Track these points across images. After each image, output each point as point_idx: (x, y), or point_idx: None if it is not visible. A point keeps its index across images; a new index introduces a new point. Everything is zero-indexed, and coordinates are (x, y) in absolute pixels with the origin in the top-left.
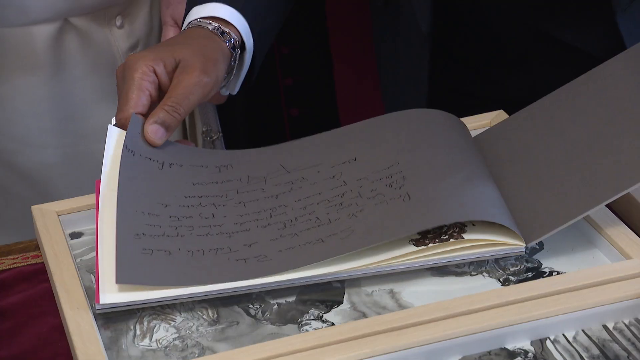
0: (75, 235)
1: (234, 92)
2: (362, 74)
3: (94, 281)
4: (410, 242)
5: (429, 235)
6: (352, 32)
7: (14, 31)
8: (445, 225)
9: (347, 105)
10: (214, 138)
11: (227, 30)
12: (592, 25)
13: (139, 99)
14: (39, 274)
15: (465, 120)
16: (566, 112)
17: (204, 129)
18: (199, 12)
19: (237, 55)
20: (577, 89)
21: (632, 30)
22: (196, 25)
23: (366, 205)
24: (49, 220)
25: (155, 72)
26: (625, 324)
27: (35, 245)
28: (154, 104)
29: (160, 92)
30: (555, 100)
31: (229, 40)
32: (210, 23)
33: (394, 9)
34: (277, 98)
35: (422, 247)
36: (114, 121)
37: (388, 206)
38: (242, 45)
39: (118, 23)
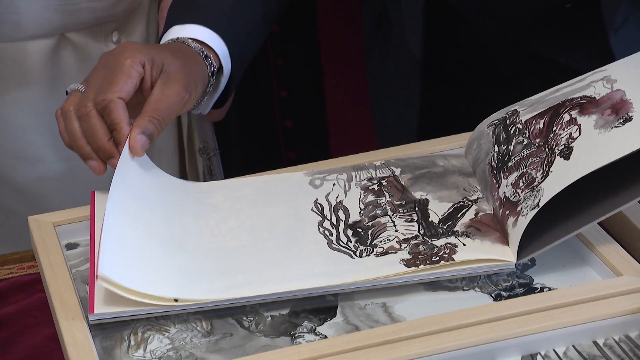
0: (71, 246)
1: (205, 112)
2: (353, 88)
3: (89, 292)
4: (401, 262)
5: (419, 257)
6: (343, 45)
7: (8, 46)
8: (437, 247)
9: (336, 117)
10: (211, 155)
11: (209, 54)
12: (585, 45)
13: (124, 85)
14: (35, 284)
15: (459, 136)
16: None
17: (200, 146)
18: (179, 31)
19: (214, 81)
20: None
21: (624, 50)
22: (181, 41)
23: None
24: (45, 231)
25: (143, 67)
26: (615, 340)
27: (31, 256)
28: (134, 95)
29: (140, 88)
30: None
31: (210, 65)
32: (193, 42)
33: (385, 33)
34: (272, 110)
35: (413, 267)
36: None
37: None
38: (219, 69)
39: (115, 38)
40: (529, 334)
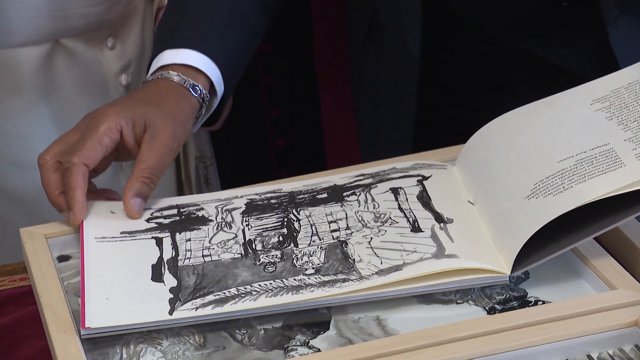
0: (63, 258)
1: (194, 131)
2: (349, 103)
3: (80, 305)
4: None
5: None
6: (338, 61)
7: (0, 53)
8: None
9: (332, 134)
10: (207, 164)
11: (197, 84)
12: (582, 42)
13: (93, 151)
14: (27, 297)
15: (454, 148)
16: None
17: (197, 155)
18: (172, 57)
19: (206, 105)
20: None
21: (622, 42)
22: (164, 78)
23: None
24: (37, 242)
25: (121, 132)
26: (609, 354)
27: (23, 268)
28: (104, 160)
29: (119, 149)
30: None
31: (200, 93)
32: (179, 74)
33: (375, 43)
34: (263, 129)
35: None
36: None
37: None
38: (212, 89)
39: (109, 44)
40: (523, 347)
